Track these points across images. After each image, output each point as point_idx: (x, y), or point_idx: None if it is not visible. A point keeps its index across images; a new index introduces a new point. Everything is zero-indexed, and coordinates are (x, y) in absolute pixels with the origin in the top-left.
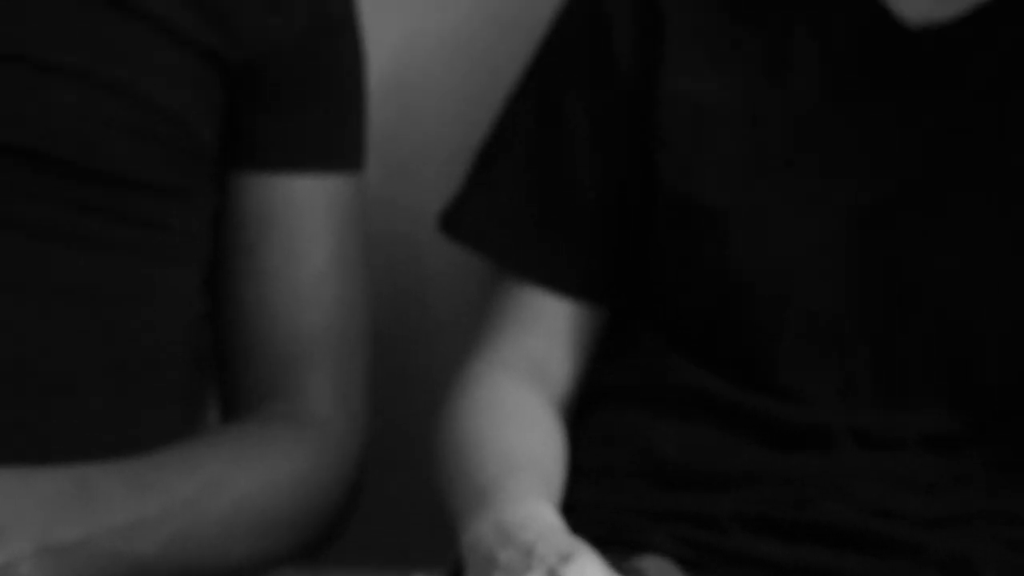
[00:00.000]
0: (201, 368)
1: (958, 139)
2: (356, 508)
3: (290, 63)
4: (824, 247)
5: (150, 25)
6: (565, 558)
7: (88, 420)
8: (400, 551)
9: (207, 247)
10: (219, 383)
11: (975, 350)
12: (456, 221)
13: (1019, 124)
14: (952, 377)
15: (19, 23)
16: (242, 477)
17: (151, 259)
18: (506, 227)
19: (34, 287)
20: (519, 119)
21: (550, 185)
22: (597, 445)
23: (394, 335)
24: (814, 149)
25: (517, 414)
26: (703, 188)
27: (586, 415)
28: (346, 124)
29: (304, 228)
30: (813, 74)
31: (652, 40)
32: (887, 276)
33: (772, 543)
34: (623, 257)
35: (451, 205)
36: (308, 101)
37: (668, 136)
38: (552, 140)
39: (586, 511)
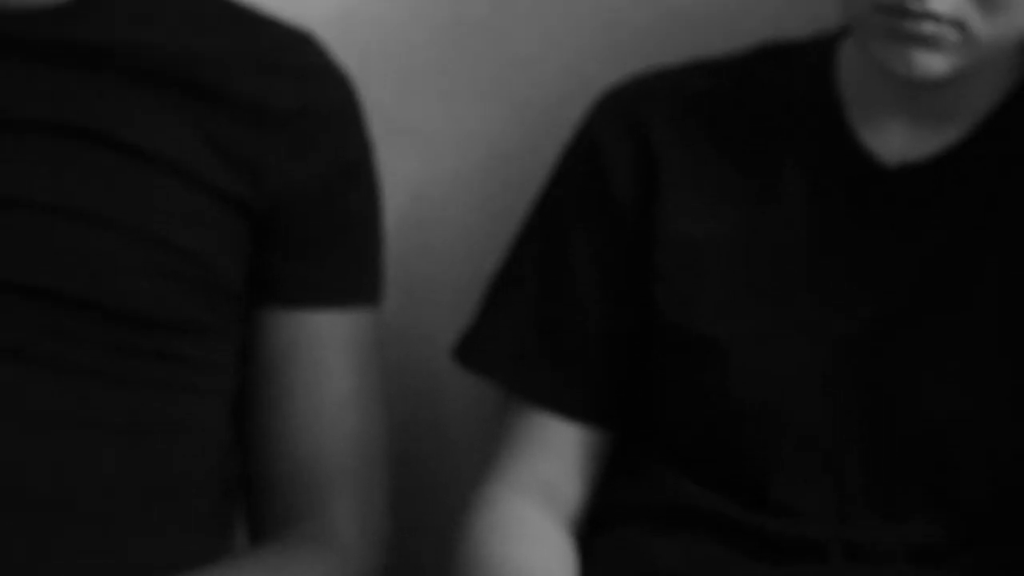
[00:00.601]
0: (229, 494)
1: (934, 269)
2: None
3: (312, 206)
4: (814, 372)
5: (179, 175)
6: None
7: (121, 547)
8: None
9: (233, 379)
10: (246, 507)
11: (959, 464)
12: (469, 350)
13: (989, 255)
14: (938, 491)
15: (55, 175)
16: None
17: (180, 393)
18: (516, 356)
19: (66, 422)
20: (526, 255)
21: (556, 317)
22: (605, 561)
23: (411, 459)
24: (803, 280)
25: (531, 534)
26: (700, 319)
27: (595, 532)
28: (365, 261)
29: (326, 360)
30: (800, 209)
31: (648, 181)
32: (874, 397)
33: None
34: (627, 383)
35: (464, 335)
36: (329, 241)
37: (665, 271)
38: (557, 275)
39: None
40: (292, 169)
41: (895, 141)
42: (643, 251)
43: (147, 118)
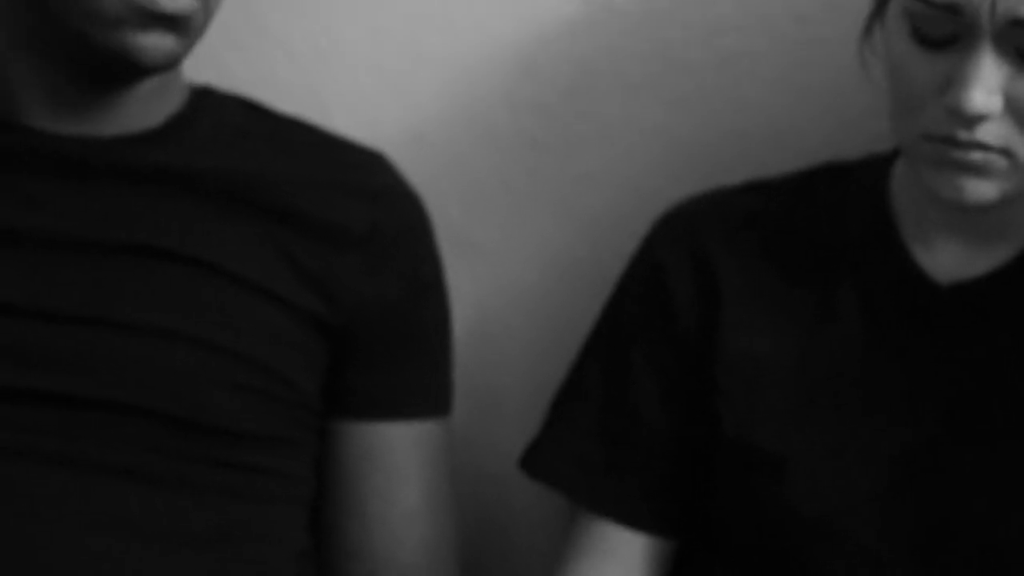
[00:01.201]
0: None
1: (987, 386)
2: None
3: (385, 323)
4: (871, 489)
5: (261, 294)
6: None
7: None
8: None
9: (311, 488)
10: None
11: None
12: (536, 461)
13: None
14: None
15: (144, 296)
16: None
17: (264, 503)
18: (581, 467)
19: (158, 535)
20: (591, 369)
21: (620, 431)
22: None
23: (480, 565)
24: (858, 397)
25: None
26: (760, 435)
27: None
28: (436, 374)
29: (399, 470)
30: (856, 327)
31: (708, 299)
32: (929, 515)
33: None
34: (689, 494)
35: (531, 446)
36: (401, 356)
37: (726, 388)
38: (621, 390)
39: None
40: (366, 287)
41: (948, 261)
42: (704, 367)
43: (226, 239)
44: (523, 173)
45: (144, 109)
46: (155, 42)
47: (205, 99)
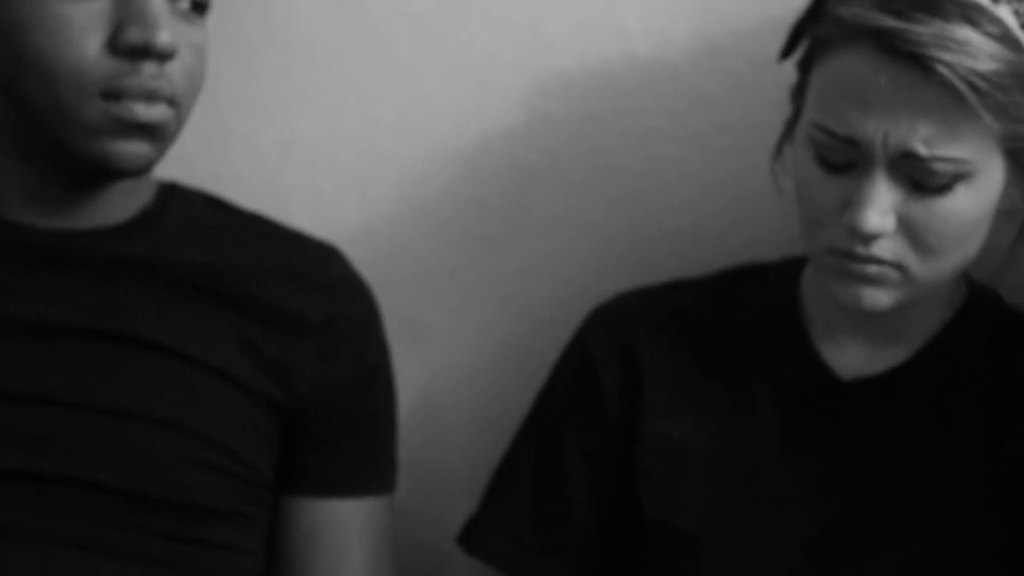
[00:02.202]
0: None
1: (890, 472)
2: None
3: (336, 405)
4: (783, 568)
5: (220, 378)
6: None
7: None
8: None
9: (262, 562)
10: None
11: None
12: (473, 538)
13: (937, 459)
14: None
15: (109, 379)
16: None
17: (217, 574)
18: (515, 545)
19: None
20: (524, 453)
21: (551, 511)
22: None
23: None
24: (773, 483)
25: None
26: (679, 517)
27: None
28: (382, 453)
29: (347, 543)
30: (770, 418)
31: (634, 389)
32: None
33: None
34: (614, 570)
35: (468, 524)
36: (350, 436)
37: (649, 471)
38: (552, 472)
39: None
40: (319, 373)
41: (853, 359)
42: (629, 452)
43: (192, 327)
44: (467, 265)
45: (116, 204)
46: (133, 149)
47: (172, 194)
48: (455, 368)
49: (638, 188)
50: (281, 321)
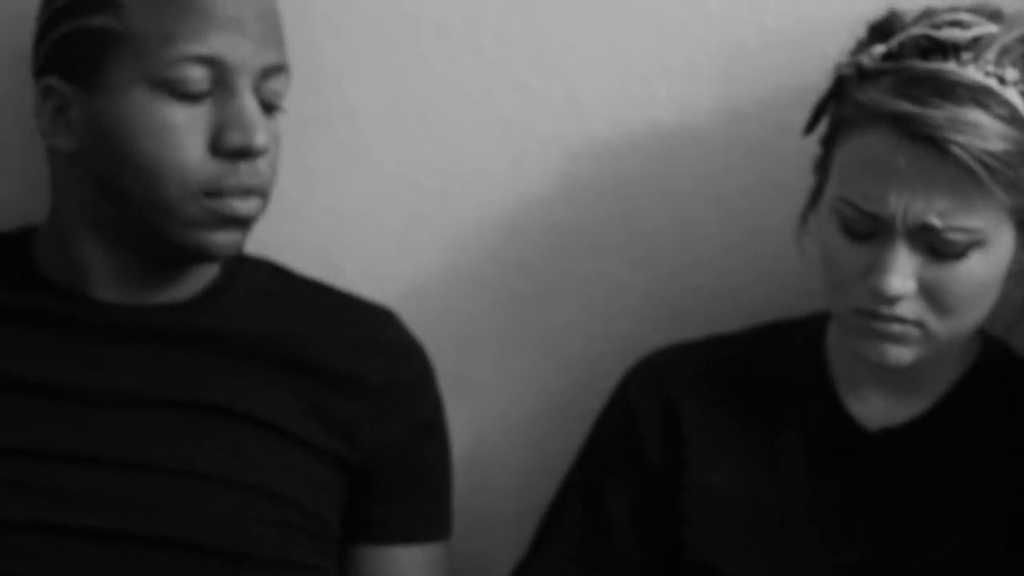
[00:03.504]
0: None
1: (912, 514)
2: None
3: (396, 460)
4: None
5: (289, 439)
6: None
7: None
8: None
9: None
10: None
11: None
12: None
13: (957, 500)
14: None
15: (187, 444)
16: None
17: None
18: None
19: None
20: (571, 499)
21: (596, 554)
22: None
23: None
24: (804, 526)
25: None
26: (719, 558)
27: None
28: (439, 501)
29: None
30: (800, 465)
31: (674, 439)
32: None
33: None
34: None
35: (518, 566)
36: (410, 487)
37: (690, 515)
38: (598, 516)
39: None
40: (380, 430)
41: (876, 410)
42: (671, 499)
43: (263, 393)
44: (510, 322)
45: (190, 279)
46: (229, 239)
47: (239, 265)
48: (501, 419)
49: (666, 247)
50: (344, 384)
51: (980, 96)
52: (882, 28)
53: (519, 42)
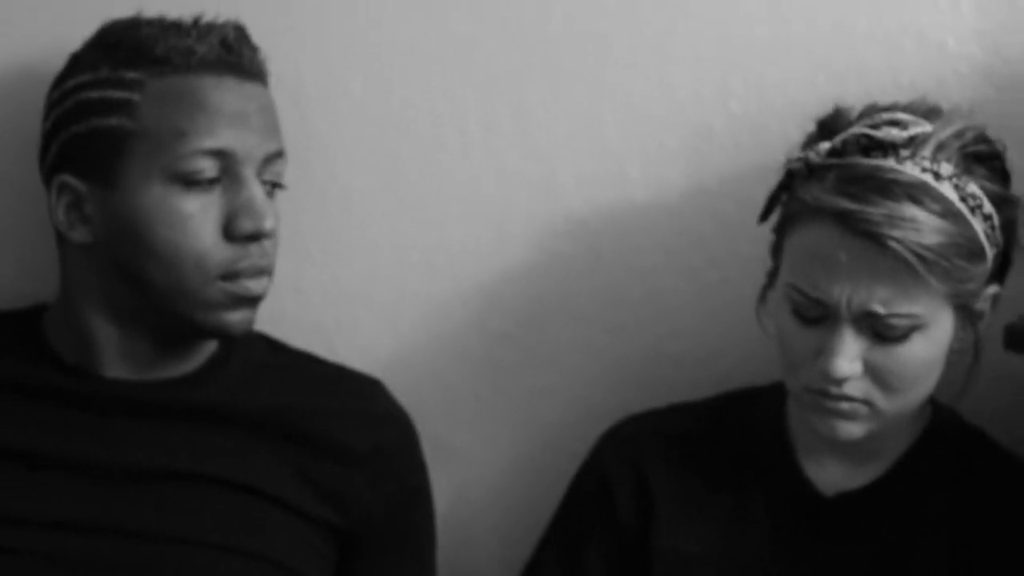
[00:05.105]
0: None
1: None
2: None
3: (384, 524)
4: None
5: (283, 507)
6: None
7: None
8: None
9: None
10: None
11: None
12: None
13: (910, 562)
14: None
15: (186, 513)
16: None
17: None
18: None
19: None
20: (547, 559)
21: None
22: None
23: None
24: None
25: None
26: None
27: None
28: (424, 560)
29: None
30: (763, 528)
31: (645, 504)
32: None
33: None
34: None
35: None
36: (396, 550)
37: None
38: (574, 574)
39: None
40: (369, 496)
41: (833, 475)
42: (642, 559)
43: (258, 463)
44: (492, 389)
45: (193, 355)
46: (242, 317)
47: (235, 339)
48: (480, 482)
49: (640, 318)
50: (335, 453)
51: (916, 192)
52: (828, 125)
53: (501, 127)
